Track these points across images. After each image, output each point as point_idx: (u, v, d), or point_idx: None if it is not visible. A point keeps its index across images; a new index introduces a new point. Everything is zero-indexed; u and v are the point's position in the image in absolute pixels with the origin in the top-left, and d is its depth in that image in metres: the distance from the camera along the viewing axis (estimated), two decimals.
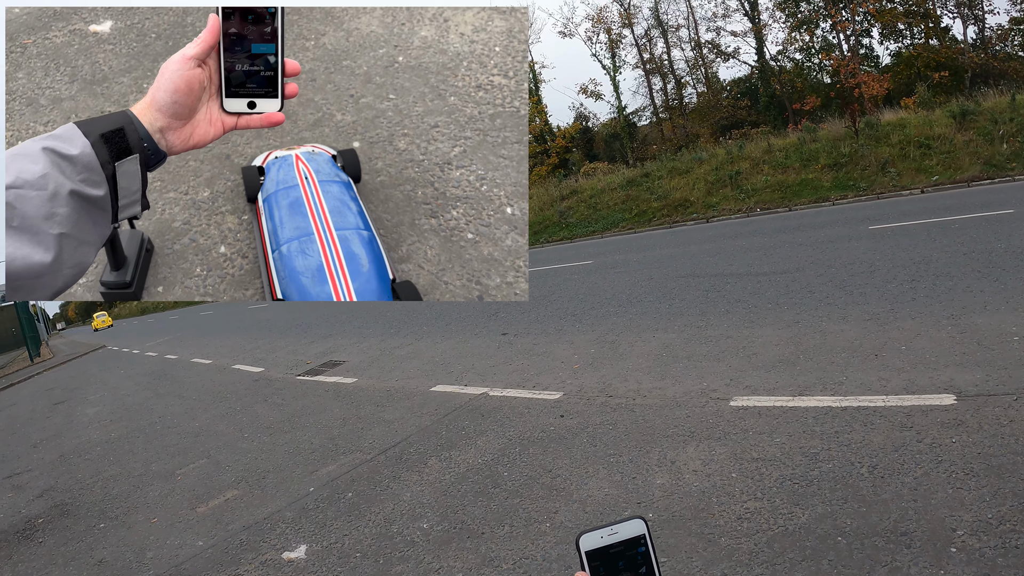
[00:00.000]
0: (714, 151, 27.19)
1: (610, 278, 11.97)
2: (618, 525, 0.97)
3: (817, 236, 11.96)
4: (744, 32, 40.01)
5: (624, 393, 5.21)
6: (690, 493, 3.31)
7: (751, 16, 39.42)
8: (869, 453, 3.33)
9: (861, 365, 4.73)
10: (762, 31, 39.02)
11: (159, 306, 79.55)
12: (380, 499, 4.20)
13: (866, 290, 6.88)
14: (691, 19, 42.55)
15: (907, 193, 17.48)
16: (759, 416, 4.15)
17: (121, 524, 4.97)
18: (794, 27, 38.17)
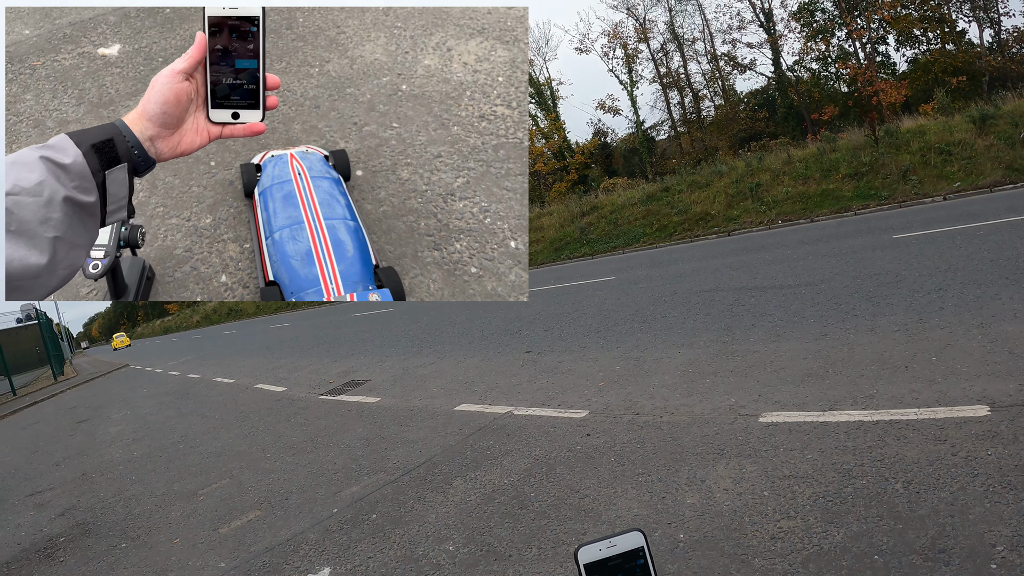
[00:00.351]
0: (733, 164, 27.15)
1: (633, 294, 11.92)
2: (616, 538, 1.00)
3: (841, 247, 11.87)
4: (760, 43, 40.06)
5: (651, 410, 5.16)
6: (722, 512, 3.25)
7: (766, 27, 39.44)
8: (903, 468, 3.26)
9: (891, 377, 4.65)
10: (778, 42, 39.02)
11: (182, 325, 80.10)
12: (405, 520, 4.16)
13: (893, 300, 6.80)
14: (707, 32, 42.53)
15: (929, 200, 17.33)
16: (789, 432, 4.09)
17: (143, 544, 4.97)
18: (810, 37, 38.15)
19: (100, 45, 5.68)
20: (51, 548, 5.40)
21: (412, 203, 4.44)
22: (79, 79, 5.36)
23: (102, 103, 5.12)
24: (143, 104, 1.40)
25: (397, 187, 4.55)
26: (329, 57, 5.63)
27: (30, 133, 4.86)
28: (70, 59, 5.56)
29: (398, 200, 4.46)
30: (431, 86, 5.28)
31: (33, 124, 4.94)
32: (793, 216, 20.30)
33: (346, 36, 5.79)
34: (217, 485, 6.07)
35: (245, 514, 5.07)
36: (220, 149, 5.11)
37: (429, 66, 5.45)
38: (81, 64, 5.52)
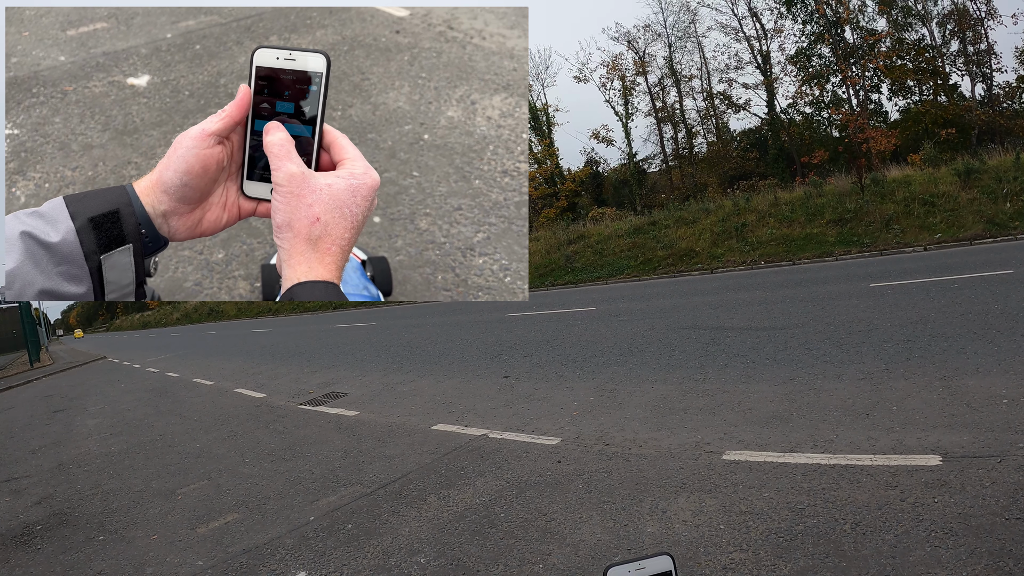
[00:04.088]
0: (721, 202, 27.45)
1: (613, 326, 12.10)
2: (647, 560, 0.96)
3: (818, 292, 12.12)
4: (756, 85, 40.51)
5: (620, 442, 5.33)
6: (679, 542, 3.42)
7: (763, 69, 39.98)
8: (853, 510, 3.45)
9: (852, 424, 4.85)
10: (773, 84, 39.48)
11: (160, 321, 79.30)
12: (379, 532, 4.30)
13: (862, 349, 7.01)
14: (704, 70, 42.99)
15: (910, 250, 17.66)
16: (750, 470, 4.27)
17: (120, 538, 5.06)
18: (805, 81, 38.57)
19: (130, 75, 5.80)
20: (28, 535, 5.47)
21: (430, 255, 4.42)
22: (107, 106, 5.46)
23: (127, 131, 5.20)
24: (160, 170, 1.17)
25: (415, 237, 4.55)
26: (352, 102, 5.69)
27: (55, 155, 4.95)
28: (100, 87, 5.66)
29: (415, 250, 4.44)
30: (453, 138, 5.30)
31: (59, 147, 5.03)
32: (776, 258, 20.58)
33: (370, 83, 5.87)
34: (195, 485, 6.16)
35: (223, 516, 5.18)
36: None
37: (452, 118, 5.48)
38: (110, 92, 5.61)
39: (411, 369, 10.97)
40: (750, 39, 40.50)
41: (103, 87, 5.70)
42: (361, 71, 6.07)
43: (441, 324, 18.31)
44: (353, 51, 6.23)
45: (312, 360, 14.91)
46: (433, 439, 6.40)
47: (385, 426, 7.25)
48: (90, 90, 5.65)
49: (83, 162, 4.88)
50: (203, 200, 1.21)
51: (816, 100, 39.27)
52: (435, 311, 24.61)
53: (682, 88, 44.20)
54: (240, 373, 14.74)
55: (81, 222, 1.09)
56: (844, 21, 37.01)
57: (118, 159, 4.91)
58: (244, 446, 7.42)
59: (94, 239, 1.10)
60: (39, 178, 4.76)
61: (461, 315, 20.29)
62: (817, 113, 39.66)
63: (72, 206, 1.10)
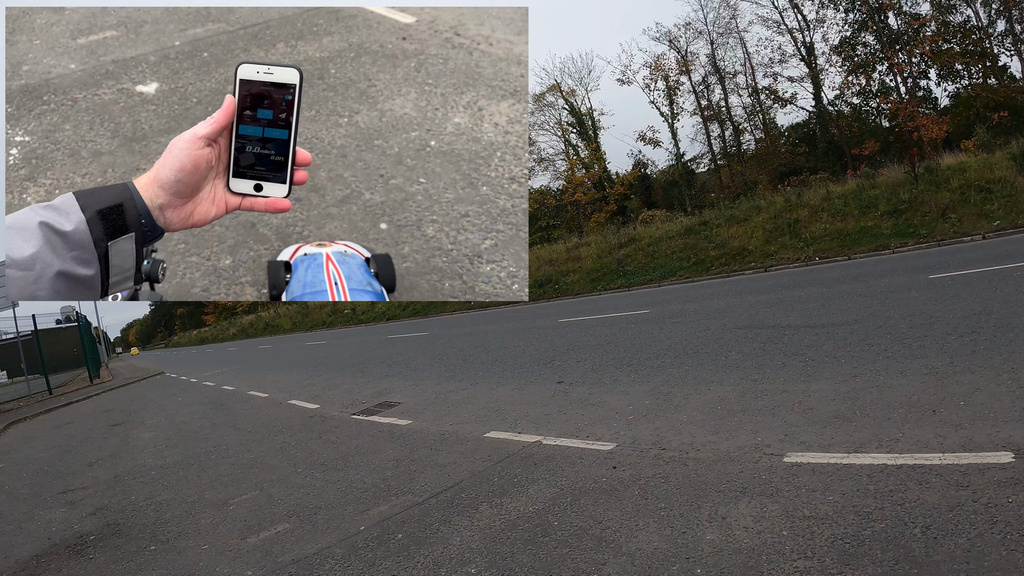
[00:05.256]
0: (772, 199, 27.01)
1: (667, 328, 11.95)
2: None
3: (876, 286, 11.82)
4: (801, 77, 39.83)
5: (677, 446, 5.22)
6: (740, 550, 3.31)
7: (808, 61, 39.36)
8: (923, 513, 3.30)
9: (918, 421, 4.68)
10: (819, 76, 38.80)
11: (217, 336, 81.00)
12: (430, 542, 4.26)
13: (925, 343, 6.79)
14: (748, 65, 42.49)
15: (968, 239, 17.15)
16: (813, 473, 4.13)
17: (172, 548, 5.11)
18: (851, 71, 37.85)
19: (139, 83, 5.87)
20: (81, 545, 5.57)
21: (437, 262, 4.39)
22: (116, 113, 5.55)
23: (135, 138, 5.27)
24: (157, 169, 1.36)
25: (422, 243, 4.53)
26: (359, 108, 5.69)
27: (65, 161, 5.04)
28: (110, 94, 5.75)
29: (422, 257, 4.42)
30: (460, 144, 5.28)
31: (69, 153, 5.11)
32: (830, 253, 20.16)
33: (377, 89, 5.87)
34: (247, 496, 6.21)
35: (274, 526, 5.19)
36: None
37: (459, 124, 5.46)
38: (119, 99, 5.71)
39: (464, 377, 10.96)
40: (792, 31, 39.98)
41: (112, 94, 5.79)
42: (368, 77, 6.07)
43: (493, 332, 18.30)
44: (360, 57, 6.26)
45: (365, 371, 15.00)
46: (486, 447, 6.35)
47: (438, 434, 7.22)
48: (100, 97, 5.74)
49: (92, 168, 4.96)
50: (195, 195, 1.40)
51: (863, 90, 38.58)
52: (487, 319, 24.65)
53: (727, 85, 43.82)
54: (294, 385, 14.88)
55: (91, 214, 1.25)
56: (887, 6, 36.30)
57: (127, 165, 4.98)
58: (296, 456, 7.46)
59: (102, 228, 1.27)
60: (50, 184, 4.85)
61: (513, 322, 20.28)
62: (865, 103, 38.95)
63: (82, 200, 1.26)
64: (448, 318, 31.39)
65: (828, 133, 39.05)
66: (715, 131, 44.88)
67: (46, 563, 5.27)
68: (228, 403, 14.15)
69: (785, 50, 40.62)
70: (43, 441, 13.16)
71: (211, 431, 10.49)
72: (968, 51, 35.83)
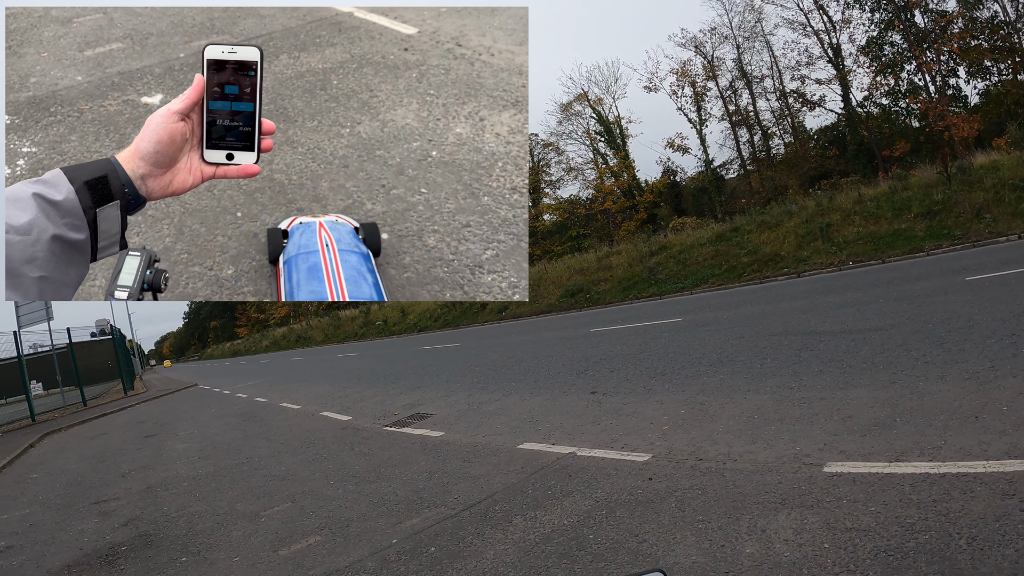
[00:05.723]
0: (803, 203, 26.77)
1: (700, 336, 11.86)
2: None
3: (912, 290, 11.66)
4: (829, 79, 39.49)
5: (714, 456, 5.16)
6: (780, 564, 3.26)
7: (835, 63, 39.05)
8: (968, 523, 3.23)
9: (960, 428, 4.59)
10: (847, 77, 38.44)
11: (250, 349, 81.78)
12: (463, 555, 4.25)
13: (964, 347, 6.67)
14: (775, 69, 42.19)
15: (1003, 239, 16.88)
16: (854, 483, 4.07)
17: (203, 560, 5.16)
18: (879, 71, 37.47)
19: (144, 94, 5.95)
20: (113, 556, 5.65)
21: (438, 272, 4.39)
22: (121, 124, 5.63)
23: None
24: (136, 143, 1.46)
25: (423, 254, 4.54)
26: (360, 119, 5.71)
27: None
28: (115, 105, 5.84)
29: (423, 267, 4.42)
30: (462, 154, 5.27)
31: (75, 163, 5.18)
32: (864, 257, 19.91)
33: (378, 100, 5.89)
34: (279, 508, 6.25)
35: (305, 538, 5.22)
36: (247, 200, 5.27)
37: (461, 134, 5.46)
38: (125, 111, 5.79)
39: (496, 388, 10.95)
40: (818, 33, 39.66)
41: (118, 106, 5.87)
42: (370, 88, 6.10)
43: (526, 342, 18.28)
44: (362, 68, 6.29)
45: (398, 382, 15.06)
46: (519, 458, 6.33)
47: (471, 446, 7.22)
48: (105, 108, 5.83)
49: None
50: (172, 165, 1.50)
51: (892, 90, 38.13)
52: (519, 329, 24.67)
53: (754, 89, 43.54)
54: (326, 397, 14.97)
55: (78, 185, 1.35)
56: (913, 5, 35.92)
57: None
58: (328, 468, 7.49)
59: (90, 197, 1.36)
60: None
61: (546, 332, 20.27)
62: (894, 103, 38.47)
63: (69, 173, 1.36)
64: (480, 328, 31.44)
65: (858, 135, 38.61)
66: (744, 136, 44.63)
67: (77, 573, 5.37)
68: (260, 415, 14.29)
69: (812, 52, 40.31)
70: (77, 452, 13.41)
71: (243, 443, 10.59)
72: (997, 47, 35.31)
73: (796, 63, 41.27)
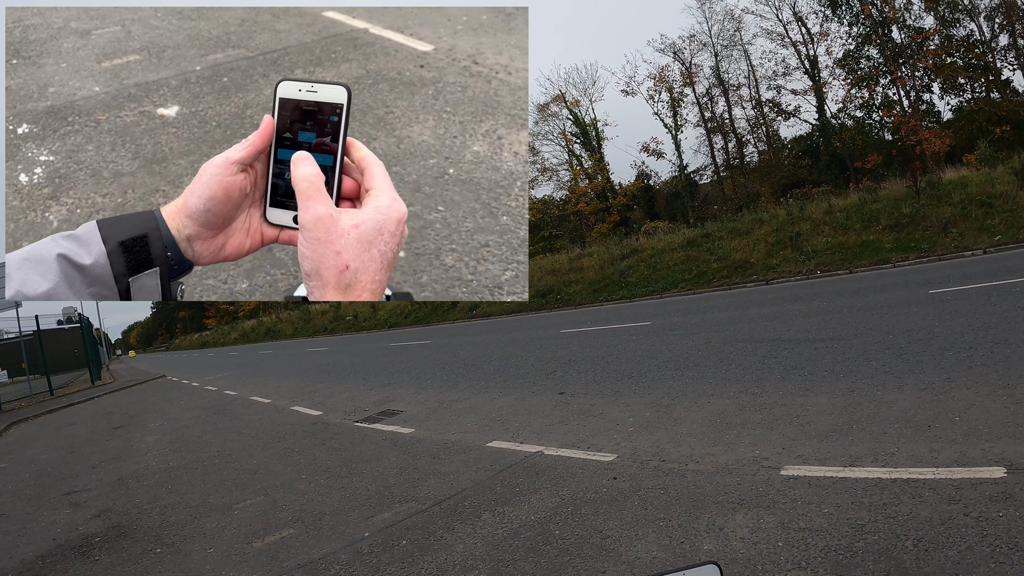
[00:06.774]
0: (775, 211, 27.06)
1: (668, 340, 12.02)
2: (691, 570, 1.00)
3: (877, 300, 11.90)
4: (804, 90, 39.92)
5: (677, 458, 5.30)
6: (736, 560, 3.39)
7: (811, 74, 39.44)
8: (915, 526, 3.39)
9: (914, 436, 4.75)
10: (822, 89, 38.89)
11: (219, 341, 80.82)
12: (433, 549, 4.34)
13: (923, 358, 6.87)
14: (752, 78, 42.55)
15: (969, 253, 17.19)
16: (809, 486, 4.22)
17: (178, 551, 5.20)
18: (854, 84, 37.97)
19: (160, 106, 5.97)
20: (87, 547, 5.66)
21: (456, 292, 4.38)
22: (137, 135, 5.62)
23: (156, 159, 5.34)
24: (185, 196, 1.22)
25: (440, 273, 4.51)
26: (376, 135, 5.71)
27: (87, 181, 5.10)
28: (132, 116, 5.84)
29: (441, 287, 4.42)
30: (480, 172, 5.25)
31: (90, 173, 5.18)
32: (832, 266, 20.20)
33: (394, 116, 5.89)
34: (252, 501, 6.30)
35: (279, 531, 5.28)
36: None
37: (478, 152, 5.44)
38: (141, 122, 5.79)
39: (466, 386, 11.03)
40: (796, 44, 40.11)
41: (134, 117, 5.87)
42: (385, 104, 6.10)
43: (496, 341, 18.37)
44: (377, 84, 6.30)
45: (368, 378, 15.09)
46: (488, 456, 6.43)
47: (440, 443, 7.30)
48: (122, 119, 5.83)
49: (113, 189, 5.02)
50: (226, 226, 1.26)
51: (866, 103, 38.64)
52: (489, 328, 24.72)
53: (730, 97, 43.87)
54: (297, 391, 14.97)
55: (112, 245, 1.15)
56: (891, 20, 36.42)
57: (147, 187, 5.05)
58: (300, 463, 7.54)
59: (123, 262, 1.16)
60: (71, 203, 4.91)
61: (516, 332, 20.35)
62: (868, 116, 38.98)
63: (104, 230, 1.16)
64: (450, 326, 31.43)
65: (831, 146, 39.07)
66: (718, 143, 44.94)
67: (52, 564, 5.37)
68: (230, 408, 14.26)
69: (789, 63, 40.74)
70: (45, 442, 13.28)
71: (214, 436, 10.59)
72: (971, 65, 35.94)
73: (773, 73, 41.71)
